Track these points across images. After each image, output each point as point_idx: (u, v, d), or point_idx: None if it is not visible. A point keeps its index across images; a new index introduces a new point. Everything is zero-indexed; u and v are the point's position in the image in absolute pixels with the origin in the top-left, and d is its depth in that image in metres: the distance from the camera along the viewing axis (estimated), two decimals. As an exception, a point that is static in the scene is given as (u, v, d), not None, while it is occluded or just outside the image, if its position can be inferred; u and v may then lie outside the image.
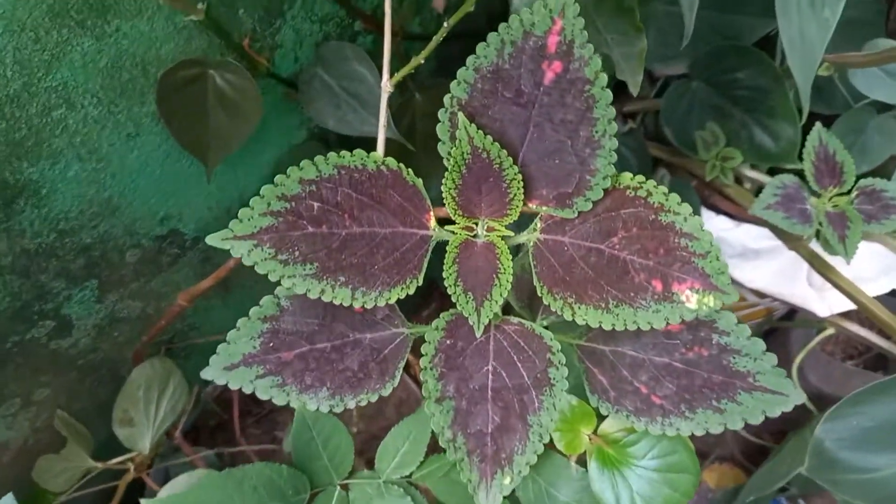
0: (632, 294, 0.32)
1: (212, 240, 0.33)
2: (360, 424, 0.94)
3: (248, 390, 0.40)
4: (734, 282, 0.93)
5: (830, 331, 0.93)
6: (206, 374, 0.40)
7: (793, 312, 1.08)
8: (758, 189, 0.84)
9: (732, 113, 0.77)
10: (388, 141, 0.55)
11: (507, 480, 0.32)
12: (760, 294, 1.00)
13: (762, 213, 0.60)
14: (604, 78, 0.30)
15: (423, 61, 0.51)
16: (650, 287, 0.32)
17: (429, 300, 1.23)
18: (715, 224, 0.85)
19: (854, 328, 0.86)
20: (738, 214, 0.84)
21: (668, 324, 0.32)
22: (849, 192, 0.62)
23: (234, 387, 0.40)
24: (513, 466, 0.32)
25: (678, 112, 0.77)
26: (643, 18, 0.75)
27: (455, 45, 0.53)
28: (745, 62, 0.74)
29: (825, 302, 0.84)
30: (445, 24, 0.46)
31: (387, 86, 0.52)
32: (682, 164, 0.82)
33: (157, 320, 0.77)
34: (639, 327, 0.32)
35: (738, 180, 0.82)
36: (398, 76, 0.52)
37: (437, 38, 0.47)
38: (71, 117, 0.55)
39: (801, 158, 0.73)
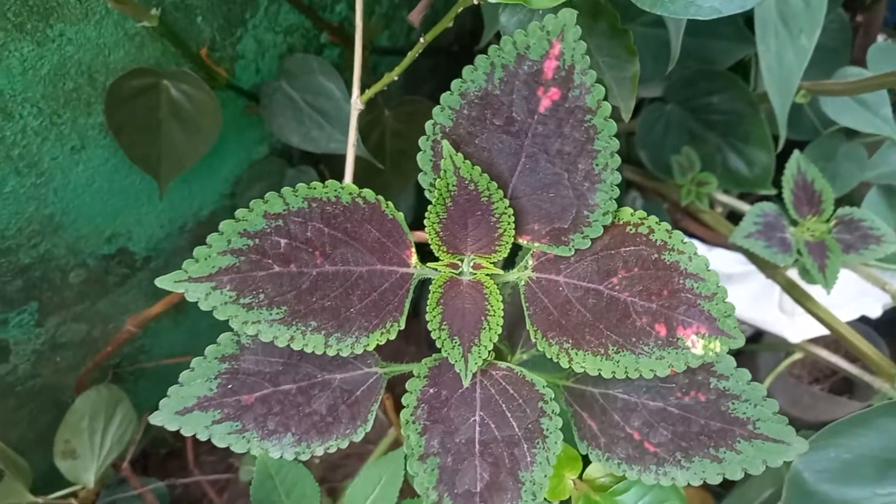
0: (633, 339, 0.30)
1: (162, 283, 0.29)
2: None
3: (203, 437, 0.36)
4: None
5: (798, 355, 0.92)
6: (155, 419, 0.36)
7: (759, 335, 1.08)
8: (730, 213, 0.83)
9: (707, 137, 0.76)
10: (356, 159, 0.52)
11: (497, 547, 0.29)
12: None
13: (743, 242, 0.58)
14: (607, 107, 0.27)
15: (395, 77, 0.48)
16: (653, 332, 0.29)
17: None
18: (687, 248, 0.84)
19: (823, 353, 0.86)
20: (711, 239, 0.83)
21: (672, 371, 0.29)
22: (827, 220, 0.62)
23: (187, 433, 0.36)
24: (504, 531, 0.29)
25: (653, 136, 0.76)
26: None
27: (424, 61, 0.50)
28: (720, 86, 0.73)
29: (796, 327, 0.83)
30: (421, 40, 0.43)
31: (357, 103, 0.49)
32: (655, 188, 0.81)
33: (103, 345, 0.72)
34: (641, 375, 0.30)
35: (710, 204, 0.81)
36: (369, 93, 0.49)
37: (412, 54, 0.44)
38: (8, 128, 0.50)
39: (775, 185, 0.73)
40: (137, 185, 0.64)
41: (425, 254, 0.34)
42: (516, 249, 0.33)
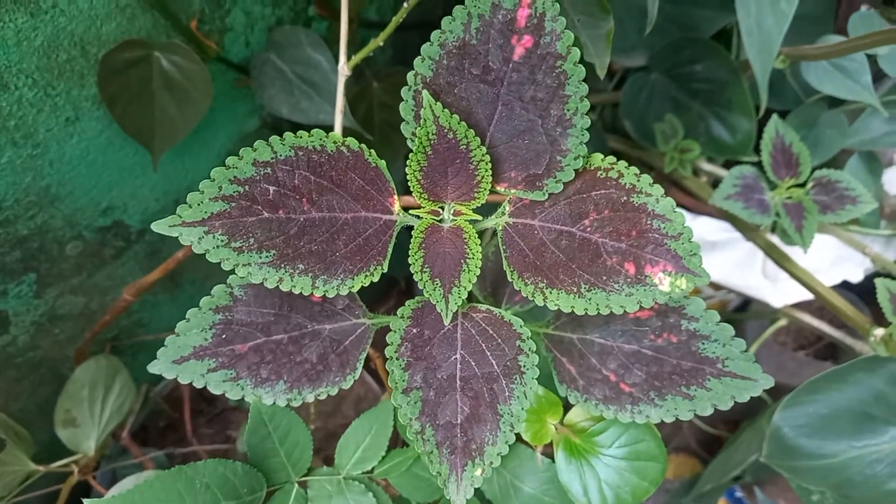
0: (604, 277, 0.31)
1: (158, 226, 0.30)
2: (318, 422, 0.92)
3: (199, 384, 0.38)
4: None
5: (783, 321, 0.94)
6: (153, 367, 0.38)
7: (747, 304, 1.09)
8: (714, 182, 0.85)
9: (690, 105, 0.77)
10: (344, 130, 0.53)
11: (478, 472, 0.31)
12: (716, 286, 1.01)
13: (722, 204, 0.60)
14: (576, 53, 0.29)
15: (381, 43, 0.49)
16: (623, 270, 0.31)
17: (387, 297, 1.21)
18: (672, 216, 0.85)
19: (806, 318, 0.87)
20: (696, 207, 0.84)
21: (641, 307, 0.31)
22: (805, 183, 0.63)
23: (184, 381, 0.38)
24: (484, 457, 0.31)
25: (637, 104, 0.77)
26: (602, 8, 0.75)
27: (412, 35, 0.51)
28: (703, 54, 0.74)
29: (779, 292, 0.85)
30: (406, 5, 0.44)
31: (344, 69, 0.50)
32: (640, 157, 0.82)
33: (101, 316, 0.74)
34: (611, 312, 0.31)
35: (695, 173, 0.82)
36: (356, 59, 0.50)
37: (397, 19, 0.46)
38: (4, 99, 0.51)
39: (756, 151, 0.74)
40: (131, 157, 0.65)
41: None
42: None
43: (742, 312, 1.11)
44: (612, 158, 0.32)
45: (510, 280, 0.32)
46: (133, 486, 0.36)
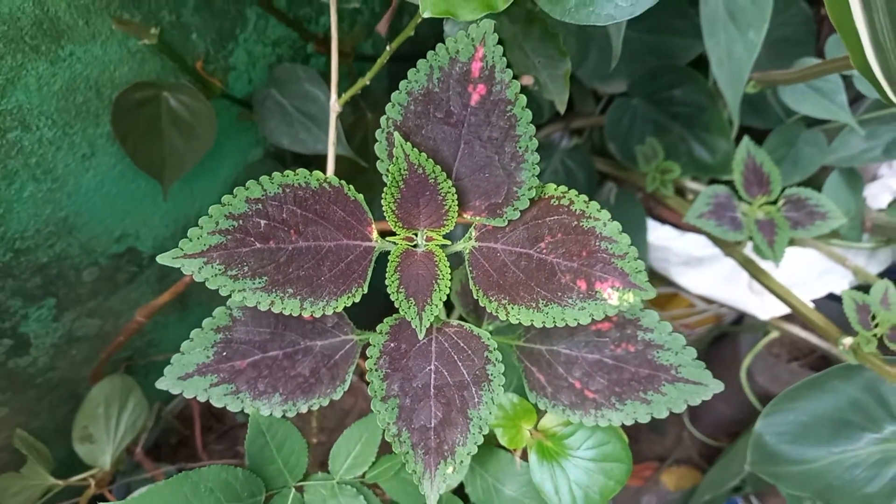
0: (559, 294, 0.35)
1: (163, 259, 0.34)
2: (321, 436, 0.96)
3: (202, 398, 0.42)
4: (679, 288, 0.98)
5: (774, 334, 0.97)
6: (160, 384, 0.42)
7: (742, 318, 1.12)
8: (698, 199, 0.88)
9: (671, 128, 0.81)
10: (341, 158, 0.57)
11: (449, 470, 0.34)
12: (708, 301, 1.04)
13: (696, 222, 0.63)
14: (523, 99, 0.33)
15: (368, 82, 0.53)
16: (575, 287, 0.35)
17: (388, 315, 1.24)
18: (660, 234, 0.89)
19: (795, 330, 0.90)
20: (682, 225, 0.88)
21: (593, 320, 0.34)
22: (776, 200, 0.67)
23: (188, 395, 0.42)
24: (455, 457, 0.35)
25: (620, 128, 0.81)
26: (584, 39, 0.79)
27: (405, 66, 0.55)
28: (681, 80, 0.78)
29: (765, 305, 0.88)
30: (388, 48, 0.48)
31: (335, 106, 0.55)
32: (628, 178, 0.86)
33: (116, 338, 0.78)
34: (567, 325, 0.35)
35: (681, 192, 0.86)
36: (346, 96, 0.54)
37: (380, 62, 0.50)
38: (26, 139, 0.56)
39: (736, 170, 0.78)
40: (143, 188, 0.70)
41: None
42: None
43: (737, 326, 1.14)
44: (563, 188, 0.35)
45: (476, 298, 0.36)
46: (144, 491, 0.40)
